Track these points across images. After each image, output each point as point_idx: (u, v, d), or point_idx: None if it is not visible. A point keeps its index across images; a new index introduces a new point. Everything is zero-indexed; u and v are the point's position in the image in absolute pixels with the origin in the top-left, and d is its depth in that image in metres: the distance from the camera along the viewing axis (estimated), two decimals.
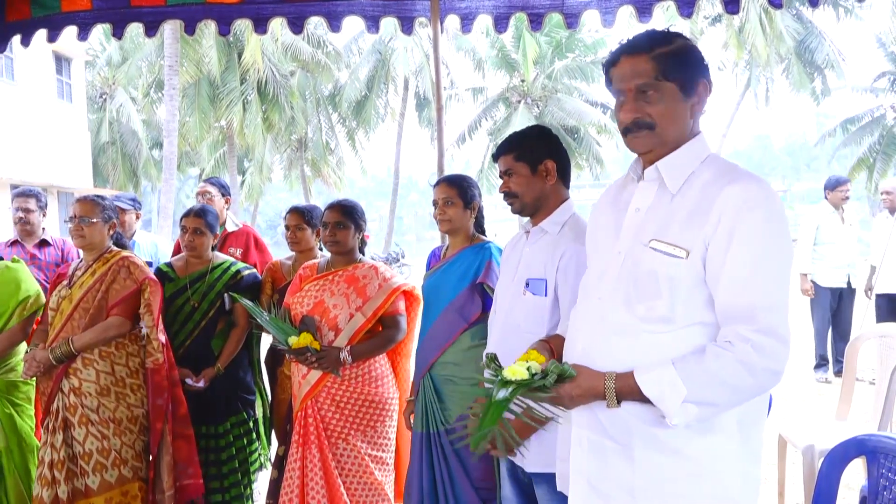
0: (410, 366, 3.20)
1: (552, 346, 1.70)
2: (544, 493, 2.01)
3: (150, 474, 3.11)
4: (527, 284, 2.10)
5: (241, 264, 3.57)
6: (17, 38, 3.94)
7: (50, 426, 3.03)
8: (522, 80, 27.30)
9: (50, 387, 3.05)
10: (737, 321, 1.39)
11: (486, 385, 1.55)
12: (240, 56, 22.08)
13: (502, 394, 1.49)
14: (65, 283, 3.16)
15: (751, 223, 1.38)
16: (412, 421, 2.88)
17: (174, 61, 17.96)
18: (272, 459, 3.60)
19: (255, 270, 3.60)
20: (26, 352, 3.12)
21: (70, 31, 3.87)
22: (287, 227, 3.59)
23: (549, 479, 1.94)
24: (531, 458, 2.04)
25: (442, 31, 4.00)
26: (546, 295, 2.04)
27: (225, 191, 4.40)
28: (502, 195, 2.21)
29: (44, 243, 4.18)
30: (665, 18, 16.34)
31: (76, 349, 2.99)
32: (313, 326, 2.98)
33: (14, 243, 4.16)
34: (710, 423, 1.44)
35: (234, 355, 3.43)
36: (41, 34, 3.91)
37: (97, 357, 3.03)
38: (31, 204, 4.17)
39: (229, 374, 3.43)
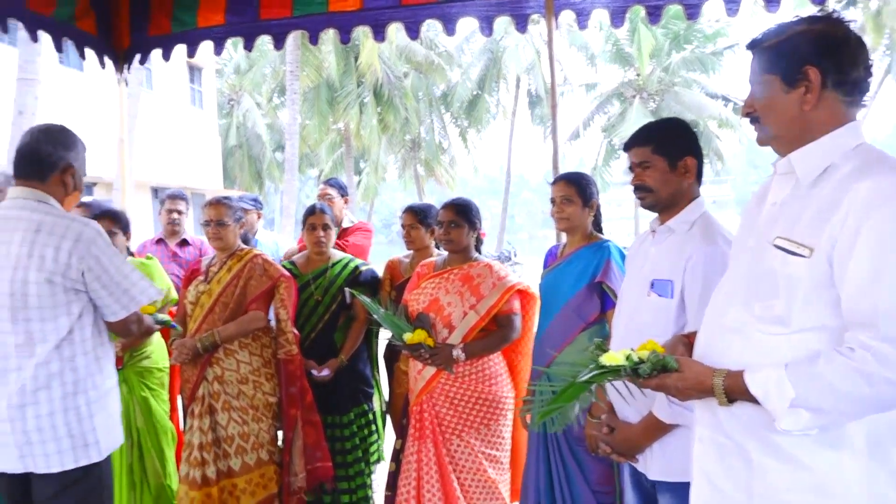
0: (527, 366, 3.20)
1: (692, 341, 1.66)
2: (667, 502, 1.96)
3: (284, 458, 3.30)
4: (652, 285, 2.00)
5: (358, 260, 3.71)
6: (157, 52, 4.26)
7: (196, 411, 3.26)
8: (638, 75, 26.57)
9: (195, 375, 3.29)
10: (859, 327, 1.31)
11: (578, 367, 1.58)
12: (356, 60, 22.74)
13: (586, 376, 1.51)
14: (201, 278, 3.39)
15: (877, 221, 1.30)
16: (528, 420, 2.88)
17: (295, 67, 18.76)
18: (389, 452, 3.71)
19: (372, 267, 3.73)
20: (172, 342, 3.37)
21: (206, 46, 4.14)
22: (403, 227, 3.69)
23: (672, 488, 1.89)
24: (654, 465, 1.98)
25: (556, 27, 3.97)
26: (672, 297, 1.96)
27: (343, 191, 4.58)
28: (633, 188, 2.10)
29: (184, 242, 4.50)
30: (794, 5, 15.39)
31: (221, 340, 3.20)
32: (428, 323, 3.04)
33: (159, 241, 4.50)
34: (835, 435, 1.37)
35: (355, 348, 3.57)
36: (180, 48, 4.21)
37: (237, 348, 3.25)
38: (181, 206, 4.52)
39: (351, 366, 3.56)
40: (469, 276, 3.12)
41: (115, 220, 3.47)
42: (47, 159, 2.30)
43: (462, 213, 3.15)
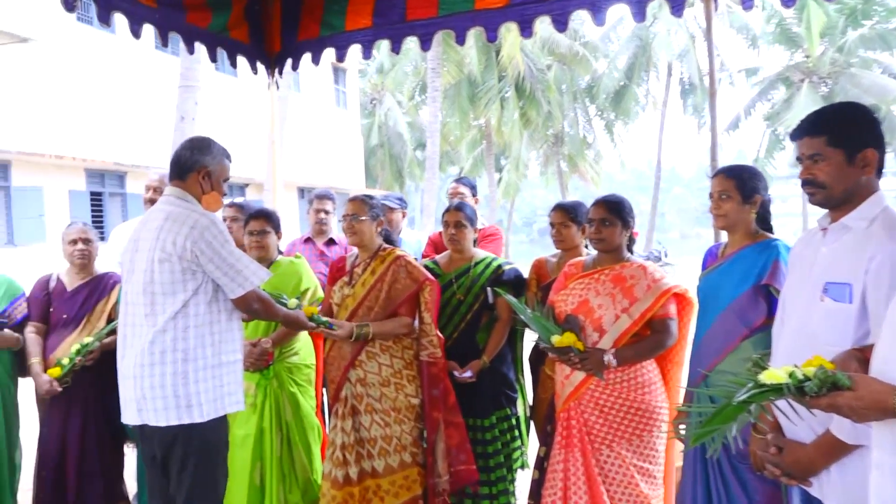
0: (683, 375, 3.07)
1: (867, 356, 1.53)
2: None
3: (427, 460, 3.38)
4: (825, 289, 1.84)
5: (501, 259, 3.73)
6: (307, 56, 4.49)
7: (340, 412, 3.41)
8: (807, 56, 24.81)
9: (339, 376, 3.43)
10: None
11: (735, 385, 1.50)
12: (498, 54, 22.86)
13: (743, 395, 1.43)
14: (345, 279, 3.51)
15: None
16: (683, 436, 2.77)
17: (437, 64, 19.14)
18: (532, 459, 3.69)
19: (515, 266, 3.73)
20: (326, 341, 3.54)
21: (354, 49, 4.31)
22: (552, 225, 3.65)
23: None
24: (833, 491, 1.82)
25: (715, 9, 3.78)
26: (851, 302, 1.79)
27: (474, 190, 4.63)
28: (801, 183, 1.94)
29: (331, 242, 4.69)
30: None
31: (373, 334, 3.33)
32: (577, 326, 2.99)
33: (307, 241, 4.72)
34: None
35: (498, 349, 3.58)
36: (329, 52, 4.41)
37: (378, 350, 3.36)
38: (328, 205, 4.73)
39: (494, 368, 3.58)
40: (621, 277, 3.03)
41: (268, 220, 3.71)
42: (186, 163, 2.80)
43: (615, 211, 3.08)
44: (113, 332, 3.50)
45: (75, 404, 3.65)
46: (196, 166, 2.80)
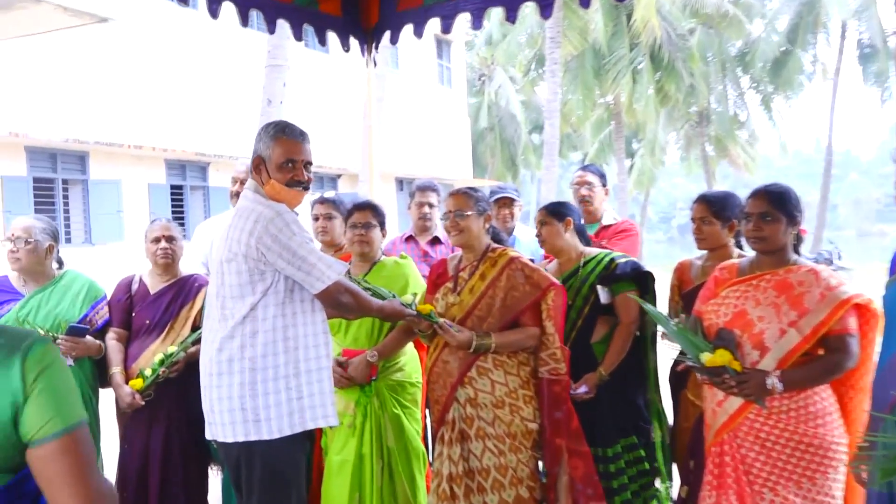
0: (866, 404, 2.91)
1: None
2: None
3: (548, 495, 3.37)
4: None
5: (615, 253, 3.70)
6: (408, 28, 4.53)
7: (446, 437, 3.43)
8: None
9: (444, 395, 3.45)
10: None
11: None
12: (629, 19, 22.47)
13: None
14: (449, 286, 3.53)
15: None
16: (864, 476, 2.63)
17: (556, 33, 19.01)
18: (673, 499, 3.60)
19: (633, 259, 3.69)
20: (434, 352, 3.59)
21: (462, 18, 4.30)
22: (693, 220, 3.57)
23: None
24: None
25: None
26: None
27: (604, 180, 4.57)
28: None
29: (435, 241, 4.76)
30: None
31: (496, 345, 3.34)
32: (732, 342, 2.89)
33: (409, 239, 4.81)
34: None
35: (619, 360, 3.56)
36: (434, 23, 4.41)
37: (491, 366, 3.36)
38: (432, 198, 4.78)
39: (616, 385, 3.55)
40: (787, 283, 2.90)
41: (374, 212, 3.80)
42: (252, 154, 2.94)
43: (778, 204, 2.93)
44: (198, 340, 3.65)
45: (158, 419, 3.82)
46: (254, 156, 2.93)
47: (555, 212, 3.73)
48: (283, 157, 2.89)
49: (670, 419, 3.73)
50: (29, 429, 1.36)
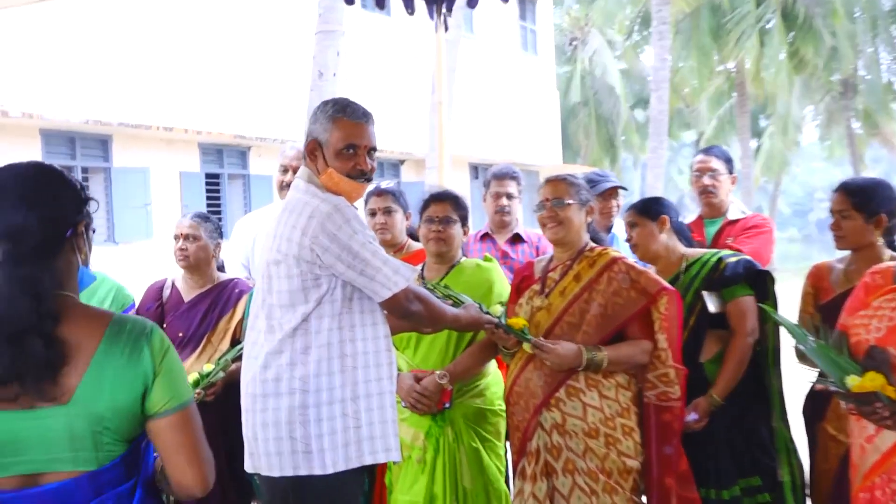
0: None
1: None
2: None
3: None
4: None
5: (725, 252, 3.69)
6: None
7: (528, 471, 3.41)
8: None
9: (527, 420, 3.44)
10: None
11: None
12: None
13: None
14: (535, 287, 3.52)
15: None
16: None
17: None
18: None
19: (747, 257, 3.66)
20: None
21: None
22: (831, 213, 3.53)
23: None
24: None
25: None
26: None
27: (730, 165, 4.48)
28: None
29: (516, 238, 4.77)
30: None
31: (609, 360, 3.31)
32: (886, 363, 2.82)
33: (485, 237, 4.82)
34: None
35: (736, 381, 3.52)
36: None
37: (584, 385, 3.34)
38: (513, 188, 4.77)
39: (733, 412, 3.51)
40: None
41: (453, 205, 3.79)
42: (306, 137, 2.95)
43: None
44: (240, 356, 3.66)
45: None
46: (308, 139, 2.94)
47: (646, 210, 3.71)
48: (344, 142, 2.89)
49: (802, 456, 3.66)
50: (154, 404, 1.89)
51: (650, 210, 3.72)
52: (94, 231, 2.20)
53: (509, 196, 4.74)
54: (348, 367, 2.78)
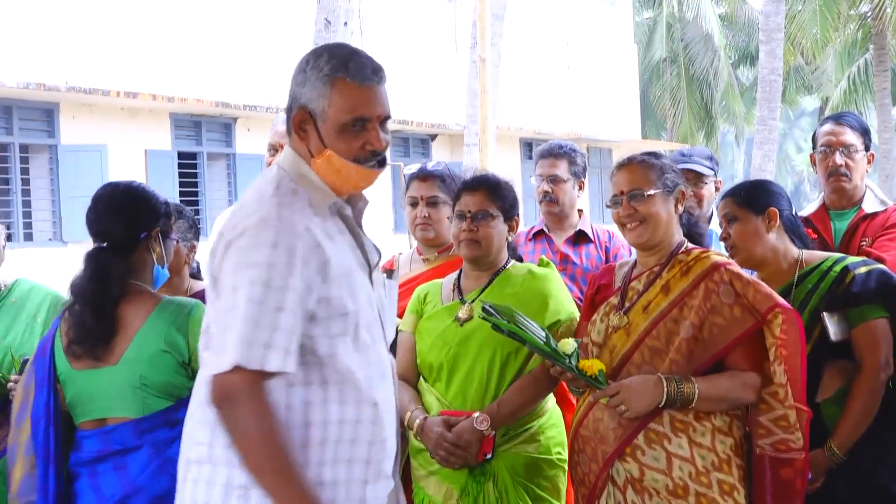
0: None
1: None
2: None
3: None
4: None
5: (852, 258, 3.64)
6: None
7: None
8: None
9: (594, 474, 3.41)
10: None
11: None
12: None
13: None
14: (613, 301, 3.49)
15: None
16: None
17: None
18: None
19: (883, 267, 3.61)
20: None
21: None
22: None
23: None
24: None
25: None
26: None
27: (868, 139, 4.39)
28: None
29: (580, 238, 4.75)
30: None
31: (699, 396, 3.27)
32: None
33: (538, 235, 4.82)
34: None
35: (863, 429, 3.49)
36: None
37: (669, 430, 3.30)
38: (560, 168, 4.73)
39: (859, 467, 3.48)
40: None
41: (494, 194, 3.73)
42: (289, 103, 2.74)
43: None
44: None
45: None
46: (293, 105, 2.72)
47: (750, 200, 3.65)
48: (349, 115, 2.60)
49: None
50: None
51: (755, 200, 3.66)
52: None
53: (555, 180, 4.71)
54: (313, 441, 2.53)
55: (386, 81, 2.68)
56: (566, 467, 3.70)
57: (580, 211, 4.85)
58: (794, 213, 3.76)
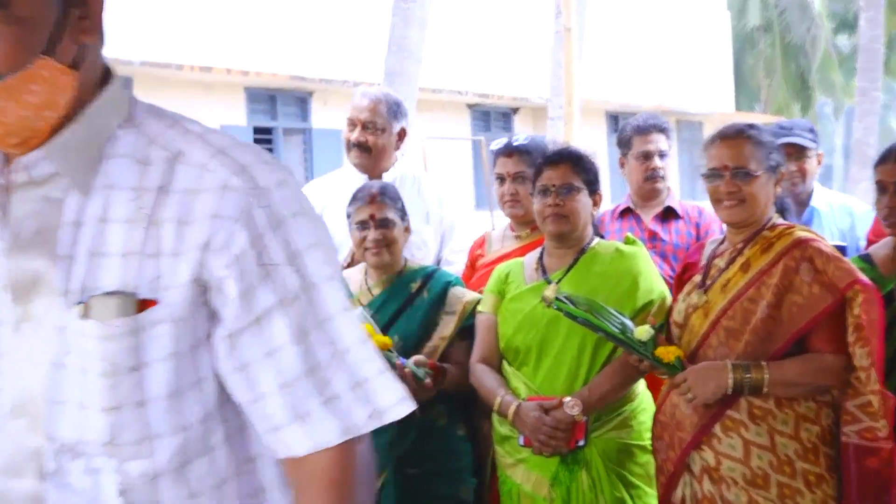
0: None
1: None
2: None
3: None
4: None
5: None
6: None
7: None
8: None
9: (671, 462, 3.44)
10: None
11: None
12: None
13: None
14: (696, 279, 3.50)
15: None
16: None
17: None
18: None
19: None
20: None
21: None
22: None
23: None
24: None
25: None
26: None
27: None
28: None
29: (669, 214, 4.74)
30: None
31: (770, 382, 3.23)
32: None
33: (625, 213, 4.82)
34: None
35: None
36: None
37: (746, 417, 3.29)
38: (661, 142, 4.73)
39: None
40: None
41: (578, 166, 3.74)
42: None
43: None
44: None
45: None
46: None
47: None
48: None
49: None
50: None
51: None
52: None
53: (661, 154, 4.72)
54: None
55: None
56: (654, 455, 3.69)
57: (668, 186, 4.84)
58: None
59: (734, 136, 3.42)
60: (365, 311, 3.64)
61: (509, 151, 4.23)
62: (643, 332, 3.24)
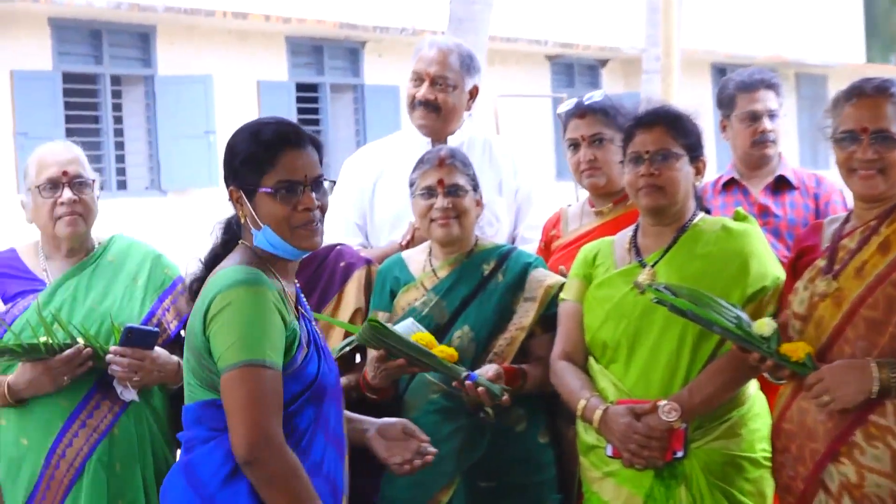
0: None
1: None
2: None
3: None
4: None
5: None
6: None
7: None
8: None
9: (802, 477, 3.43)
10: None
11: None
12: None
13: None
14: (820, 263, 3.48)
15: None
16: None
17: None
18: None
19: None
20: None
21: None
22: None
23: None
24: None
25: None
26: None
27: None
28: None
29: (781, 184, 4.75)
30: None
31: None
32: None
33: (730, 185, 4.84)
34: None
35: None
36: None
37: (893, 422, 3.31)
38: (770, 100, 4.75)
39: None
40: None
41: (675, 129, 3.73)
42: None
43: None
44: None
45: None
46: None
47: None
48: None
49: None
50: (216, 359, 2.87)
51: None
52: None
53: (771, 115, 4.72)
54: None
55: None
56: (771, 468, 3.69)
57: (779, 152, 4.81)
58: None
59: (875, 94, 3.37)
60: (415, 321, 3.68)
61: (581, 112, 4.23)
62: (764, 325, 3.23)
